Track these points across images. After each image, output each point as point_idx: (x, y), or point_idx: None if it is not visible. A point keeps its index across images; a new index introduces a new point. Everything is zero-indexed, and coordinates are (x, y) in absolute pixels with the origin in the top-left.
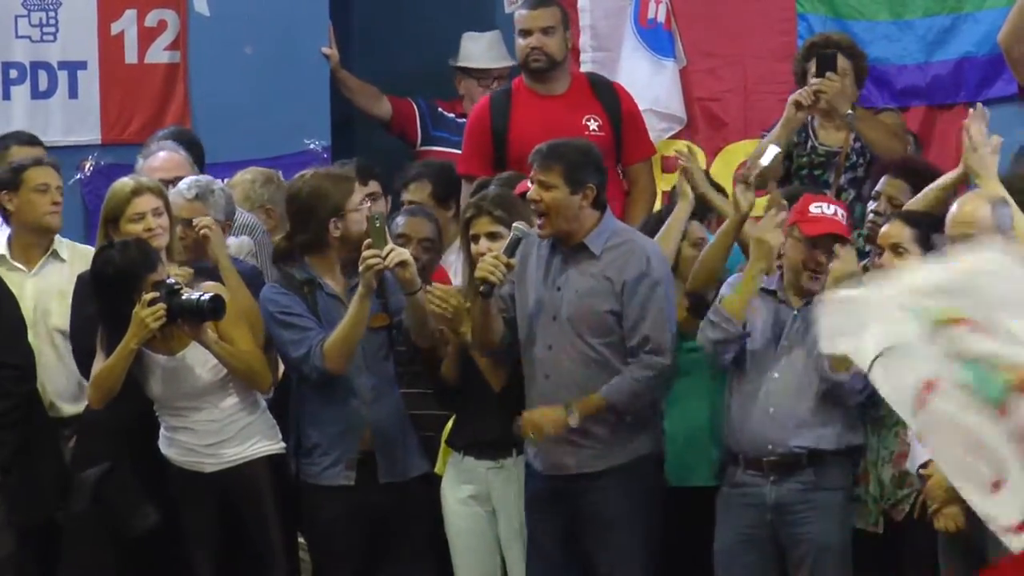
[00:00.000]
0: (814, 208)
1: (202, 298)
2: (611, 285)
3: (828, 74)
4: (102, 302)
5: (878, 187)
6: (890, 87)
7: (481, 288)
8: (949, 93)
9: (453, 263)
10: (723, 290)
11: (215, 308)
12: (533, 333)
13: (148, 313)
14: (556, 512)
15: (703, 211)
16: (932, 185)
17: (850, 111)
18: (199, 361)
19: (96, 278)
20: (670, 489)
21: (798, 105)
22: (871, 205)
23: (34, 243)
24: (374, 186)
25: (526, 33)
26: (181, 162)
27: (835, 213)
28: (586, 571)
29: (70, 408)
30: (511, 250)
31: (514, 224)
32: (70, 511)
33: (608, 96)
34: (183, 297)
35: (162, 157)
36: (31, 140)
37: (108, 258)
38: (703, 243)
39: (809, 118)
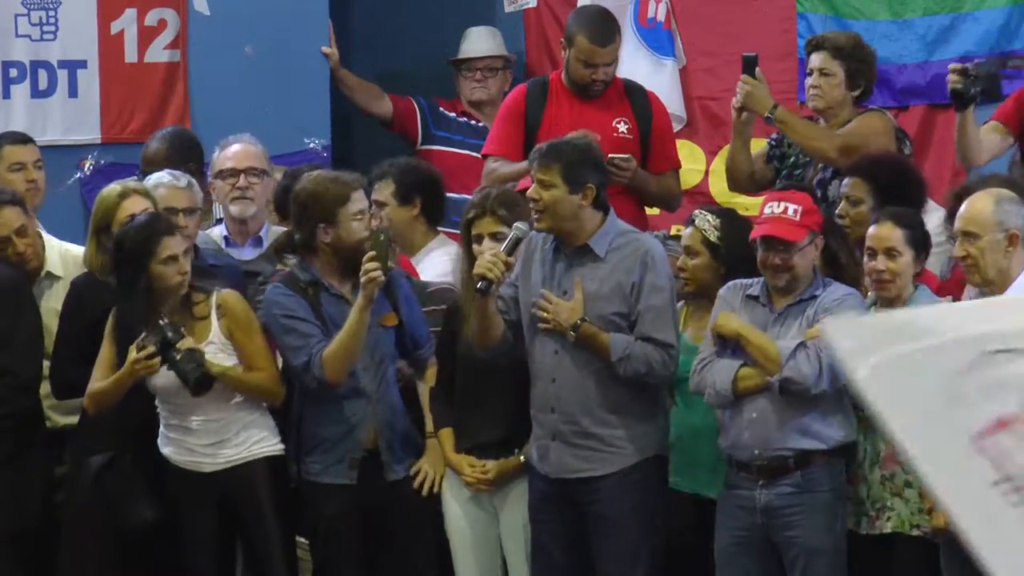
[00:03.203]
0: (766, 209)
1: (190, 371)
2: (620, 288)
3: (744, 76)
4: (119, 270)
5: (842, 187)
6: (890, 86)
7: (479, 285)
8: None
9: (420, 261)
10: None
11: (199, 387)
12: (539, 337)
13: (141, 362)
14: (560, 514)
15: None
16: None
17: (769, 114)
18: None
19: (116, 245)
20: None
21: (736, 109)
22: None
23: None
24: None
25: (590, 65)
26: (257, 154)
27: (785, 210)
28: (589, 573)
29: (64, 420)
30: (510, 249)
31: (515, 224)
32: (72, 501)
33: (640, 103)
34: (176, 357)
35: (233, 149)
36: (24, 139)
37: (127, 227)
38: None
39: (816, 118)
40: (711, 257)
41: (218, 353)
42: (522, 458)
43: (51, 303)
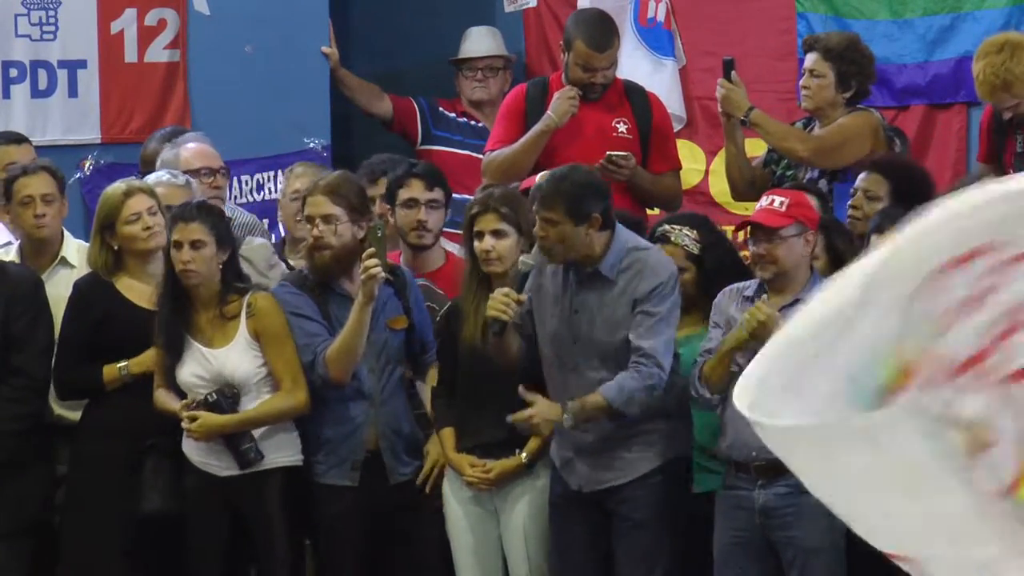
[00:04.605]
0: (758, 205)
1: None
2: (629, 309)
3: (720, 80)
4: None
5: (856, 183)
6: (890, 86)
7: (494, 329)
8: (949, 92)
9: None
10: (699, 355)
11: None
12: (555, 356)
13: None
14: (580, 514)
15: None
16: None
17: (743, 116)
18: (236, 362)
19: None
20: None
21: (723, 114)
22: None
23: (40, 250)
24: (438, 193)
25: (588, 69)
26: (212, 153)
27: (771, 202)
28: (608, 573)
29: (72, 415)
30: (522, 286)
31: (521, 259)
32: (74, 498)
33: (640, 104)
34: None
35: (193, 147)
36: (19, 139)
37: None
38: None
39: (814, 119)
40: (697, 270)
41: (245, 352)
42: (524, 457)
43: (60, 290)
